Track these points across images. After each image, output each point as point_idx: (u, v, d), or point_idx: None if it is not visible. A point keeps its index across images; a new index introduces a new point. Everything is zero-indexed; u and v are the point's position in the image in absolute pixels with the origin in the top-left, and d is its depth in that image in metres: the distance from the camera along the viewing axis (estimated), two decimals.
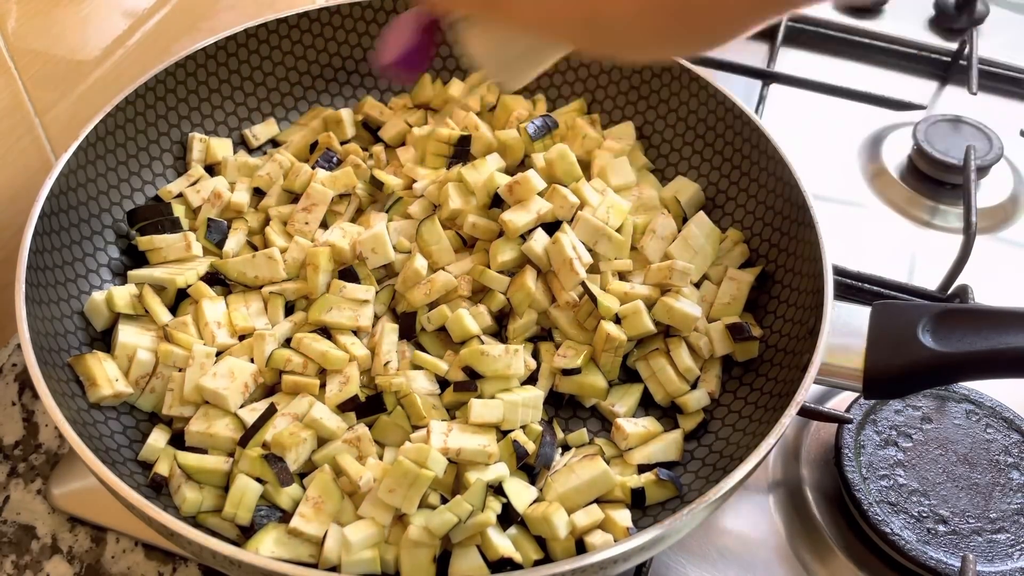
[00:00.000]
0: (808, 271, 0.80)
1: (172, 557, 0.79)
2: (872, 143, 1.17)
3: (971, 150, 1.06)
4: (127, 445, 0.74)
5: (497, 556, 0.68)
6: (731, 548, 0.81)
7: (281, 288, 0.82)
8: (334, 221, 0.88)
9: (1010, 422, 0.85)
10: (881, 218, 1.10)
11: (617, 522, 0.71)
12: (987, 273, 1.00)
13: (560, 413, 0.82)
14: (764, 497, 0.84)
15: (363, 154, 0.95)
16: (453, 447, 0.71)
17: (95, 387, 0.73)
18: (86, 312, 0.79)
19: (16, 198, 0.88)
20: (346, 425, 0.74)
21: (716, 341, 0.82)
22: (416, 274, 0.82)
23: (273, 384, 0.78)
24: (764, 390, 0.79)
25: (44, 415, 0.88)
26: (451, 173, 0.88)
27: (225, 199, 0.89)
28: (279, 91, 1.00)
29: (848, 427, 0.83)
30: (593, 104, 1.01)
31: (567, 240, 0.82)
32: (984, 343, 0.69)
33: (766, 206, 0.88)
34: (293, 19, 0.97)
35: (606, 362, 0.81)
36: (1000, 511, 0.80)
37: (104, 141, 0.85)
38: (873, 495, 0.80)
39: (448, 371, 0.79)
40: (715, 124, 0.93)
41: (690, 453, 0.79)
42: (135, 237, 0.85)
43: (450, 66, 1.04)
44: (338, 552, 0.67)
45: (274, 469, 0.69)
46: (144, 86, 0.88)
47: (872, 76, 1.26)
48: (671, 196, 0.91)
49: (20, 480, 0.83)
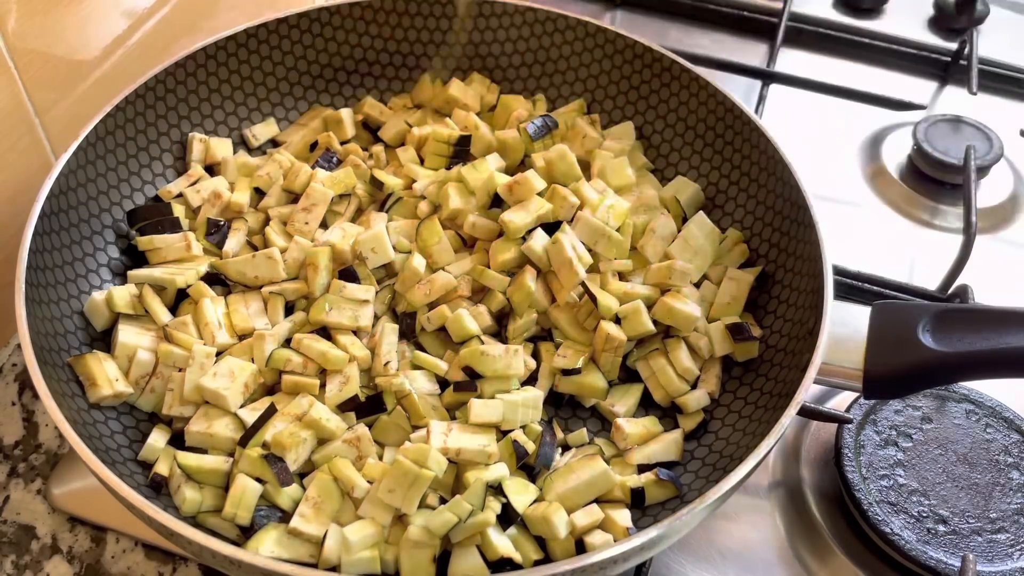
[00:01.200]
0: (808, 271, 0.80)
1: (172, 557, 0.79)
2: (872, 143, 1.17)
3: (971, 150, 1.06)
4: (127, 445, 0.74)
5: (497, 556, 0.68)
6: (731, 548, 0.81)
7: (281, 288, 0.82)
8: (334, 221, 0.88)
9: (1010, 422, 0.85)
10: (881, 218, 1.10)
11: (617, 522, 0.71)
12: (987, 273, 1.00)
13: (560, 413, 0.82)
14: (764, 497, 0.84)
15: (363, 154, 0.95)
16: (453, 447, 0.71)
17: (95, 387, 0.73)
18: (86, 312, 0.79)
19: (16, 198, 0.88)
20: (346, 425, 0.74)
21: (716, 341, 0.82)
22: (416, 274, 0.82)
23: (273, 384, 0.78)
24: (764, 390, 0.79)
25: (44, 415, 0.88)
26: (451, 173, 0.88)
27: (225, 199, 0.89)
28: (279, 91, 1.00)
29: (848, 427, 0.83)
30: (593, 104, 1.01)
31: (567, 240, 0.82)
32: (984, 343, 0.69)
33: (766, 206, 0.88)
34: (293, 19, 0.97)
35: (606, 362, 0.81)
36: (1000, 511, 0.80)
37: (104, 141, 0.85)
38: (873, 495, 0.80)
39: (448, 371, 0.79)
40: (715, 124, 0.93)
41: (690, 453, 0.79)
42: (135, 237, 0.85)
43: (450, 66, 1.04)
44: (338, 552, 0.67)
45: (274, 469, 0.69)
46: (144, 86, 0.88)
47: (872, 76, 1.26)
48: (671, 196, 0.91)
49: (20, 480, 0.83)
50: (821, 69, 1.26)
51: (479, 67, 1.04)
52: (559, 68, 1.02)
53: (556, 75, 1.02)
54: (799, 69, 1.19)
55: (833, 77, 1.16)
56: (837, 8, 1.33)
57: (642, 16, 1.33)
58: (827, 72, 1.23)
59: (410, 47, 1.03)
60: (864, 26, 1.30)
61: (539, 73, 1.03)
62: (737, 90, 0.93)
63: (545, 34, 1.01)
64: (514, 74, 1.03)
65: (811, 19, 1.31)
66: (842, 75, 1.22)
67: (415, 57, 1.04)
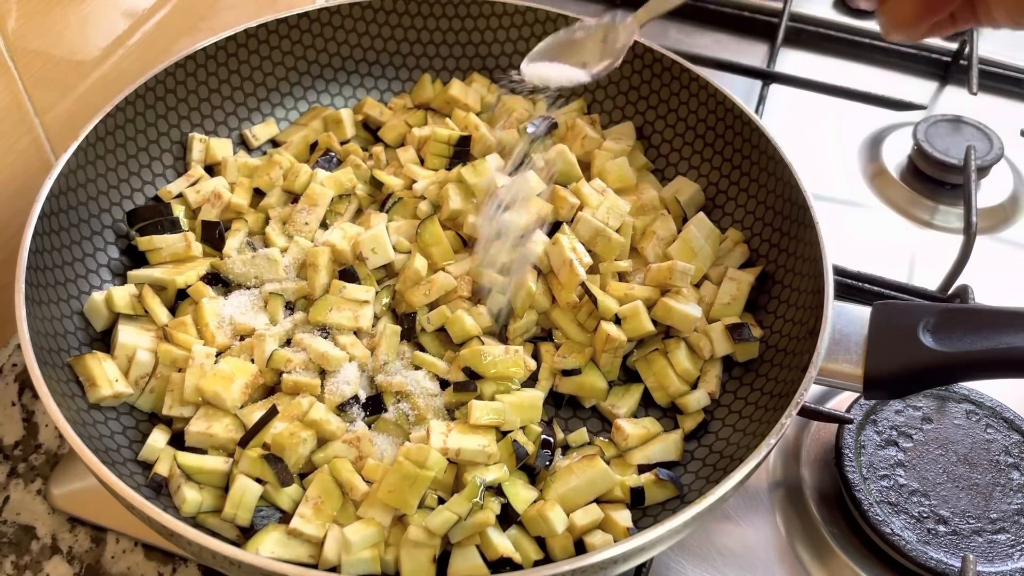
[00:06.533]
0: (808, 271, 0.80)
1: (172, 557, 0.79)
2: (872, 143, 1.17)
3: (971, 150, 1.06)
4: (127, 445, 0.74)
5: (497, 556, 0.68)
6: (731, 548, 0.81)
7: (281, 288, 0.82)
8: (334, 221, 0.88)
9: (1010, 422, 0.85)
10: (881, 218, 1.10)
11: (617, 522, 0.71)
12: (987, 273, 1.00)
13: (560, 413, 0.82)
14: (764, 497, 0.84)
15: (363, 154, 0.95)
16: (453, 447, 0.71)
17: (95, 387, 0.73)
18: (86, 312, 0.79)
19: (16, 198, 0.88)
20: (346, 425, 0.74)
21: (716, 341, 0.82)
22: (416, 274, 0.82)
23: (273, 384, 0.78)
24: (764, 390, 0.79)
25: (44, 415, 0.88)
26: (451, 174, 0.88)
27: (225, 199, 0.88)
28: (279, 91, 1.00)
29: (848, 427, 0.83)
30: (593, 104, 1.01)
31: (567, 241, 0.82)
32: (984, 343, 0.69)
33: (766, 206, 0.88)
34: (293, 19, 0.97)
35: (606, 362, 0.81)
36: (1000, 511, 0.80)
37: (104, 141, 0.85)
38: (873, 495, 0.80)
39: (448, 371, 0.79)
40: (715, 124, 0.93)
41: (690, 453, 0.79)
42: (135, 237, 0.85)
43: (450, 66, 1.04)
44: (338, 552, 0.67)
45: (274, 469, 0.69)
46: (144, 86, 0.88)
47: (872, 76, 1.26)
48: (671, 196, 0.91)
49: (20, 480, 0.83)
50: (821, 69, 1.26)
51: (479, 67, 1.04)
52: None
53: None
54: (799, 69, 1.19)
55: (833, 77, 1.16)
56: (837, 8, 1.33)
57: None
58: (827, 72, 1.23)
59: (410, 47, 1.03)
60: (864, 26, 1.30)
61: None
62: (737, 90, 0.93)
63: (545, 34, 1.01)
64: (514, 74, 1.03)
65: (811, 19, 1.31)
66: (842, 75, 1.22)
67: (415, 57, 1.04)
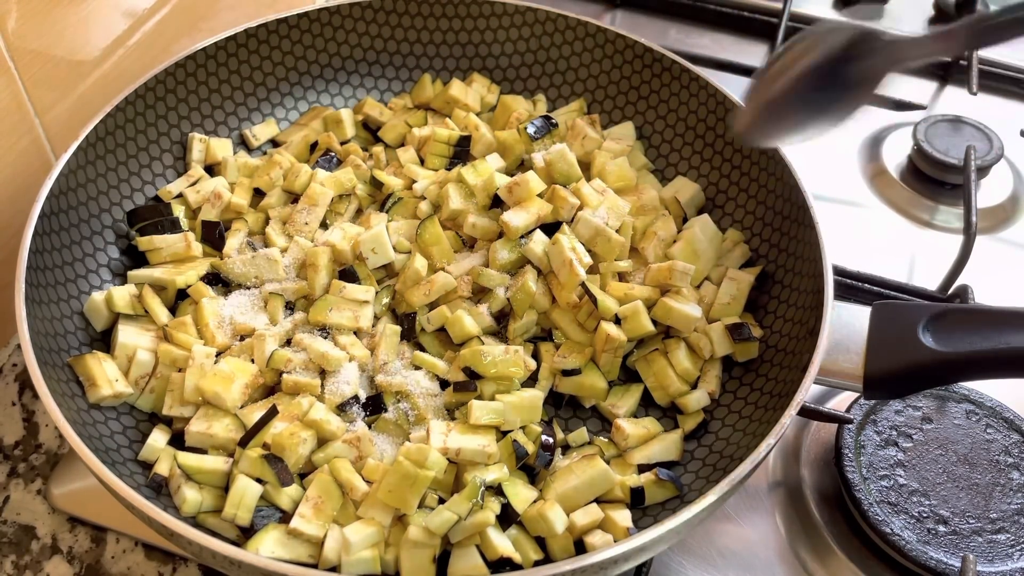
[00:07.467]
0: (808, 271, 0.80)
1: (172, 557, 0.79)
2: (872, 143, 1.17)
3: (971, 150, 1.06)
4: (127, 445, 0.74)
5: (496, 556, 0.68)
6: (731, 548, 0.81)
7: (281, 288, 0.82)
8: (334, 221, 0.88)
9: (1010, 422, 0.85)
10: (881, 218, 1.09)
11: (617, 522, 0.71)
12: (987, 273, 1.00)
13: (560, 413, 0.82)
14: (764, 497, 0.84)
15: (363, 154, 0.95)
16: (453, 447, 0.71)
17: (95, 387, 0.73)
18: (86, 312, 0.79)
19: (16, 198, 0.88)
20: (346, 425, 0.74)
21: (716, 341, 0.82)
22: (416, 274, 0.82)
23: (273, 384, 0.78)
24: (764, 390, 0.79)
25: (44, 415, 0.88)
26: (451, 173, 0.88)
27: (225, 199, 0.88)
28: (279, 91, 1.00)
29: (848, 427, 0.83)
30: (593, 104, 1.01)
31: (567, 241, 0.82)
32: (984, 343, 0.69)
33: (766, 206, 0.88)
34: (293, 19, 0.97)
35: (606, 362, 0.81)
36: (1000, 511, 0.80)
37: (104, 141, 0.85)
38: (873, 495, 0.80)
39: (448, 371, 0.79)
40: (715, 124, 0.93)
41: (690, 453, 0.79)
42: (135, 237, 0.85)
43: (450, 66, 1.04)
44: (338, 552, 0.67)
45: (274, 469, 0.69)
46: (144, 86, 0.88)
47: None
48: (671, 196, 0.91)
49: (20, 480, 0.83)
50: None
51: (479, 67, 1.04)
52: (559, 68, 1.02)
53: (556, 75, 1.02)
54: None
55: None
56: (837, 8, 1.33)
57: (642, 16, 1.33)
58: None
59: (410, 47, 1.03)
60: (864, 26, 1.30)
61: (539, 73, 1.03)
62: (737, 90, 0.93)
63: (545, 34, 1.01)
64: (514, 74, 1.03)
65: (811, 19, 1.30)
66: None
67: (415, 57, 1.04)
